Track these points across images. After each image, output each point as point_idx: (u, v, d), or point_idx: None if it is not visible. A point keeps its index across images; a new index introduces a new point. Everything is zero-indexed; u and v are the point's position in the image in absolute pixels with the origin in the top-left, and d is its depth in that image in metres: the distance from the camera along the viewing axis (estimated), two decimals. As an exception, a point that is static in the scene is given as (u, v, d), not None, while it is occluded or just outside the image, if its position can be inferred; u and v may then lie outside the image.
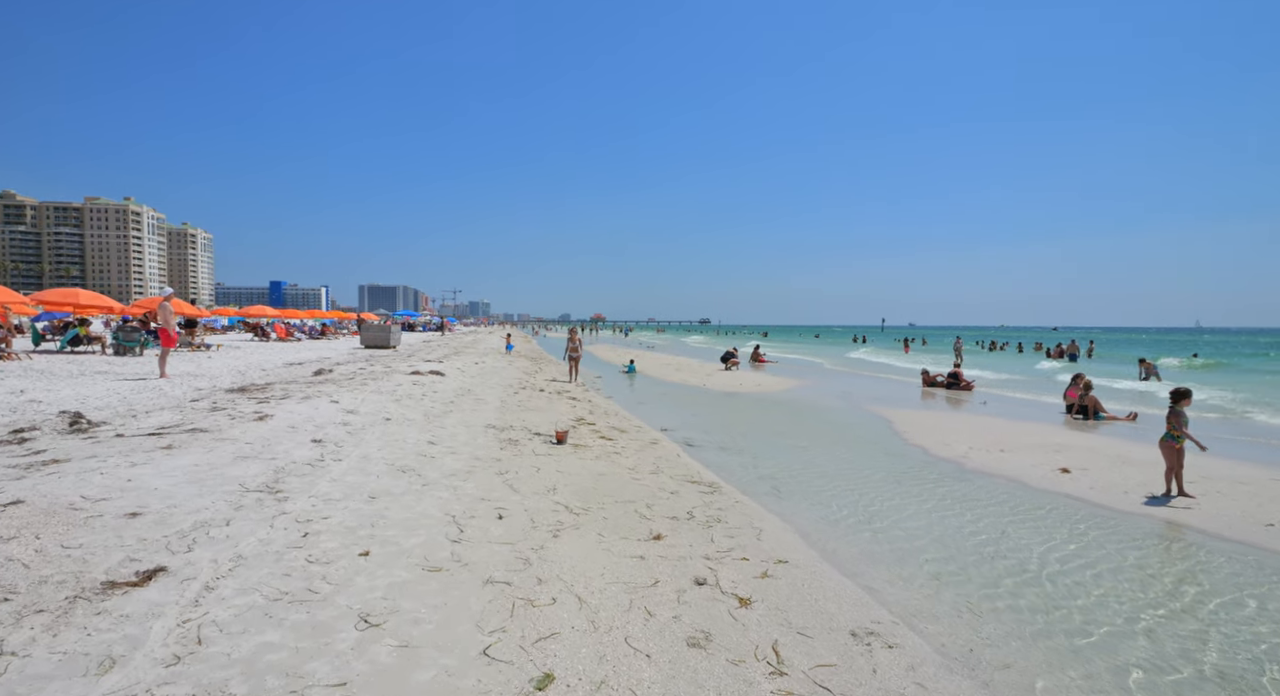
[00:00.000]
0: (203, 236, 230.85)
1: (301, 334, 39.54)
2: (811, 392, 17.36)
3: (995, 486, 7.20)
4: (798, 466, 8.24)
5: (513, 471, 6.62)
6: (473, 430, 8.82)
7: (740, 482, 7.26)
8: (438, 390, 12.98)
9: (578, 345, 18.05)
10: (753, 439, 10.20)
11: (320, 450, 6.69)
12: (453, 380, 15.27)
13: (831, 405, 14.55)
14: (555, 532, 4.82)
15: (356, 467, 6.15)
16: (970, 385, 17.77)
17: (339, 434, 7.61)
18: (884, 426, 11.38)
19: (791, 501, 6.58)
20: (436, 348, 32.16)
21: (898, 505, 6.48)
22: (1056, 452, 8.84)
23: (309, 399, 10.17)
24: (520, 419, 10.27)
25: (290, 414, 8.62)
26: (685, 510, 5.70)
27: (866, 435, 10.48)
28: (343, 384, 12.81)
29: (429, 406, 10.61)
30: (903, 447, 9.42)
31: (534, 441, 8.42)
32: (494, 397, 12.68)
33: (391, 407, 10.05)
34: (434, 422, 9.10)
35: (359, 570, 3.77)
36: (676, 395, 16.56)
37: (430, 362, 20.14)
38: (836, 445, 9.62)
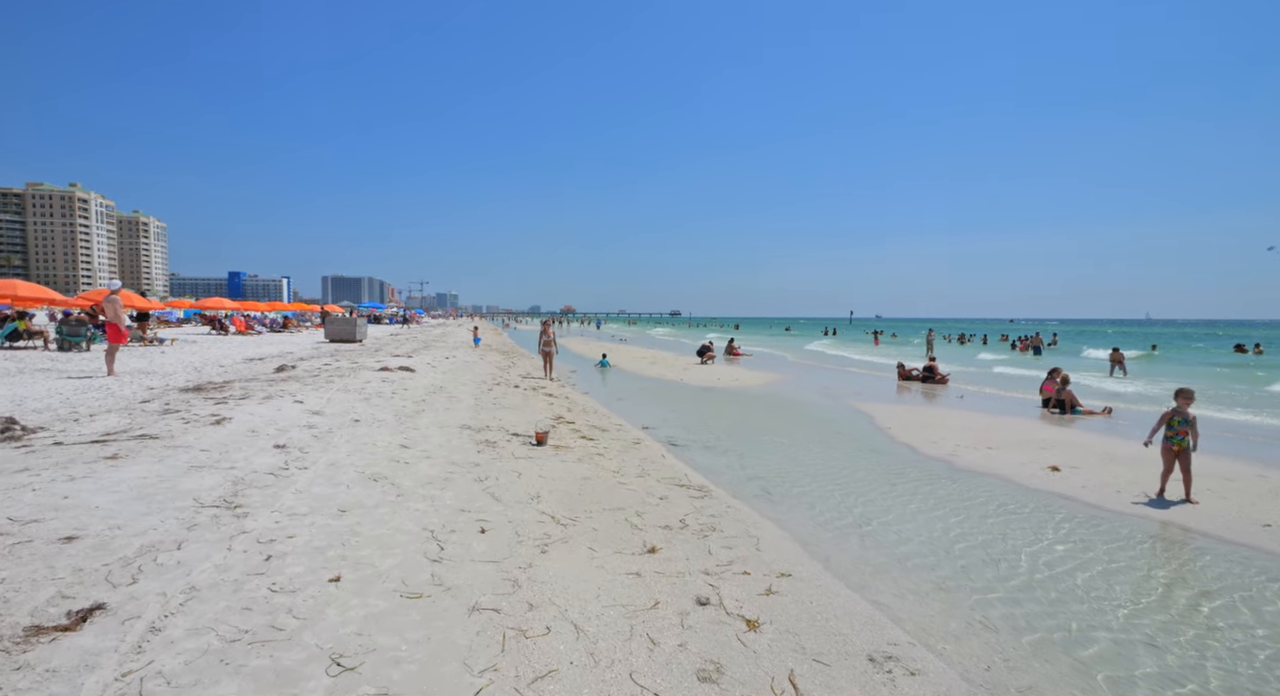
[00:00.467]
0: (156, 225, 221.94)
1: (262, 327, 38.18)
2: (790, 387, 17.27)
3: (988, 486, 7.10)
4: (786, 466, 8.04)
5: (493, 477, 6.25)
6: (447, 431, 8.40)
7: (730, 485, 7.02)
8: (408, 387, 12.47)
9: (551, 339, 17.14)
10: (737, 437, 9.99)
11: (284, 457, 6.22)
12: (423, 376, 14.74)
13: (811, 400, 14.45)
14: (543, 547, 4.49)
15: (324, 477, 5.71)
16: (945, 378, 17.89)
17: (304, 438, 7.12)
18: (867, 423, 11.28)
19: (784, 505, 6.36)
20: (404, 341, 31.32)
21: (893, 507, 6.31)
22: (1043, 449, 8.82)
23: (271, 398, 9.60)
24: (496, 418, 9.87)
25: (250, 416, 8.08)
26: (678, 517, 5.42)
27: (851, 432, 10.35)
28: (307, 381, 12.20)
29: (400, 406, 10.13)
30: (890, 445, 9.30)
31: (513, 443, 8.05)
32: (468, 395, 12.23)
33: (360, 407, 9.55)
34: (406, 424, 8.65)
35: (329, 599, 3.39)
36: (654, 390, 16.29)
37: (399, 358, 19.50)
38: (822, 443, 9.46)
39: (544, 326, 17.40)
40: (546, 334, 17.10)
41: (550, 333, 17.17)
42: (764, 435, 10.14)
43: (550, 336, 17.08)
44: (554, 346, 17.13)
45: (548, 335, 17.09)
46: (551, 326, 17.50)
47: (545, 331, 17.18)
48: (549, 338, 17.07)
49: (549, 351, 17.00)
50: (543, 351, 17.08)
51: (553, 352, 17.03)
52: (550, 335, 17.12)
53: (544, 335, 17.08)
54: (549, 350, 17.01)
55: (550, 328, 17.38)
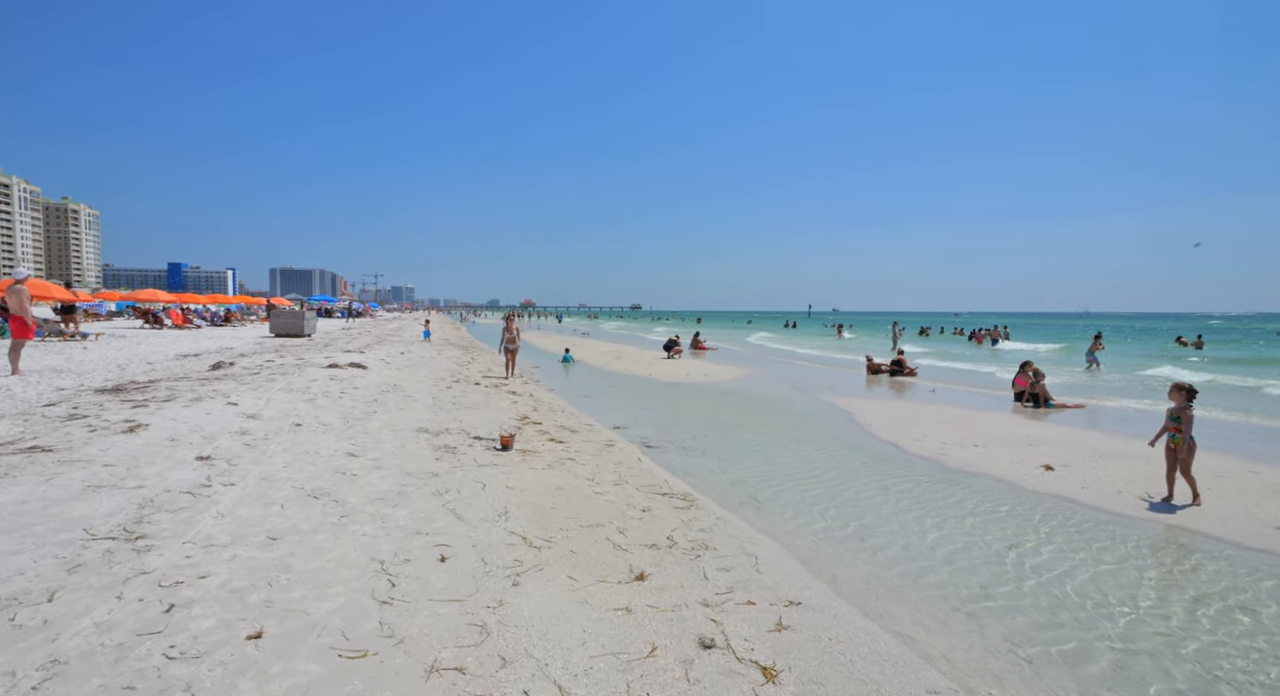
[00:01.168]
0: (87, 213, 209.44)
1: (202, 321, 36.00)
2: (760, 382, 16.89)
3: (985, 489, 6.72)
4: (768, 469, 7.54)
5: (453, 490, 5.54)
6: (402, 435, 7.62)
7: (714, 492, 6.46)
8: (359, 386, 11.55)
9: (515, 335, 15.78)
10: (713, 436, 9.46)
11: (207, 471, 5.38)
12: (376, 373, 13.78)
13: (784, 395, 14.07)
14: (515, 578, 3.84)
15: (254, 494, 4.91)
16: (914, 371, 17.80)
17: (234, 447, 6.26)
18: (845, 419, 10.91)
19: (775, 514, 5.84)
20: (357, 336, 29.90)
21: (892, 515, 5.86)
22: (1031, 446, 8.55)
23: (200, 400, 8.61)
24: (456, 419, 9.10)
25: (172, 422, 7.13)
26: (664, 534, 4.84)
27: (831, 429, 9.95)
28: (245, 380, 11.15)
29: (349, 407, 9.26)
30: (873, 443, 8.91)
31: (475, 448, 7.33)
32: (424, 394, 11.38)
33: (303, 409, 8.65)
34: (355, 427, 7.82)
35: (244, 666, 2.68)
36: (623, 386, 15.67)
37: (350, 353, 18.38)
38: (803, 442, 9.01)
39: (507, 321, 15.99)
40: (510, 329, 15.74)
41: (514, 328, 15.82)
42: (741, 433, 9.64)
43: (514, 332, 15.76)
44: (518, 342, 15.94)
45: (511, 331, 15.74)
46: (515, 321, 16.11)
47: (509, 326, 15.78)
48: (512, 333, 15.74)
49: (513, 348, 15.80)
50: (506, 348, 15.82)
51: (516, 349, 15.87)
52: (514, 331, 15.78)
53: (507, 331, 15.74)
54: (513, 347, 15.79)
55: (514, 322, 15.95)
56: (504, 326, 15.81)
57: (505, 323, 15.82)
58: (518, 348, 15.87)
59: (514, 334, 15.66)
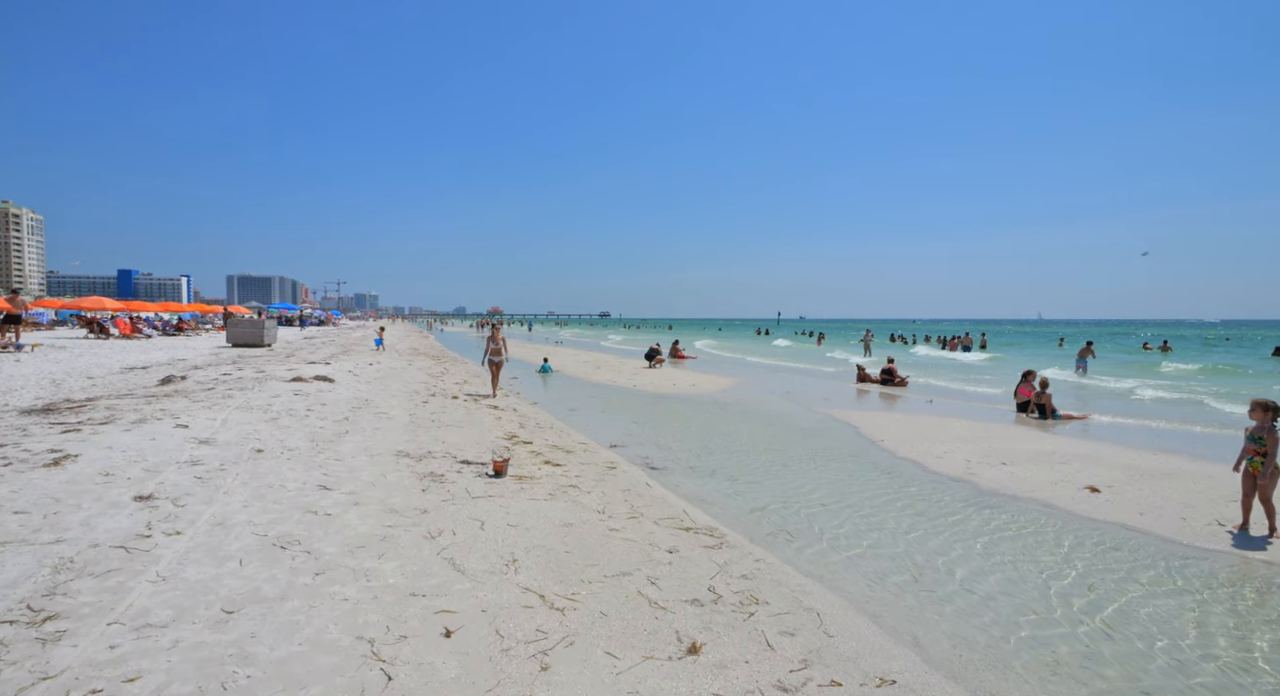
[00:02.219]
0: (30, 217, 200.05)
1: (152, 330, 34.00)
2: (750, 392, 16.29)
3: (1033, 515, 6.14)
4: (788, 492, 6.87)
5: (448, 531, 4.72)
6: (380, 461, 6.73)
7: (739, 524, 5.76)
8: (327, 402, 10.54)
9: (501, 347, 14.03)
10: (718, 454, 8.78)
11: (147, 516, 4.45)
12: (345, 387, 12.74)
13: (781, 408, 13.47)
14: (541, 657, 3.07)
15: (206, 546, 4.03)
16: (904, 381, 17.44)
17: (183, 482, 5.31)
18: (853, 434, 10.33)
19: (815, 551, 5.16)
20: (321, 345, 28.45)
21: (942, 549, 5.23)
22: (1062, 464, 8.06)
23: (144, 422, 7.56)
24: (438, 440, 8.23)
25: (108, 451, 6.12)
26: (703, 583, 4.11)
27: (844, 446, 9.34)
28: (198, 397, 10.06)
29: (317, 427, 8.30)
30: (893, 462, 8.32)
31: (465, 475, 6.49)
32: (400, 410, 10.44)
33: (265, 432, 7.67)
34: (326, 452, 6.90)
35: None
36: (608, 398, 14.90)
37: (314, 364, 17.20)
38: (818, 461, 8.38)
39: (493, 330, 14.31)
40: (495, 341, 13.96)
41: (500, 339, 14.03)
42: (748, 451, 8.97)
43: (499, 343, 13.97)
44: (505, 355, 14.10)
45: (496, 342, 13.97)
46: (501, 331, 14.35)
47: (494, 336, 14.04)
48: (497, 344, 13.96)
49: (498, 361, 13.95)
50: (490, 361, 13.95)
51: (502, 363, 14.04)
52: (499, 342, 13.98)
53: (491, 342, 14.01)
54: (498, 360, 13.95)
55: (500, 333, 14.21)
56: (488, 337, 14.21)
57: (491, 333, 14.21)
58: (504, 361, 14.13)
59: (499, 345, 14.01)
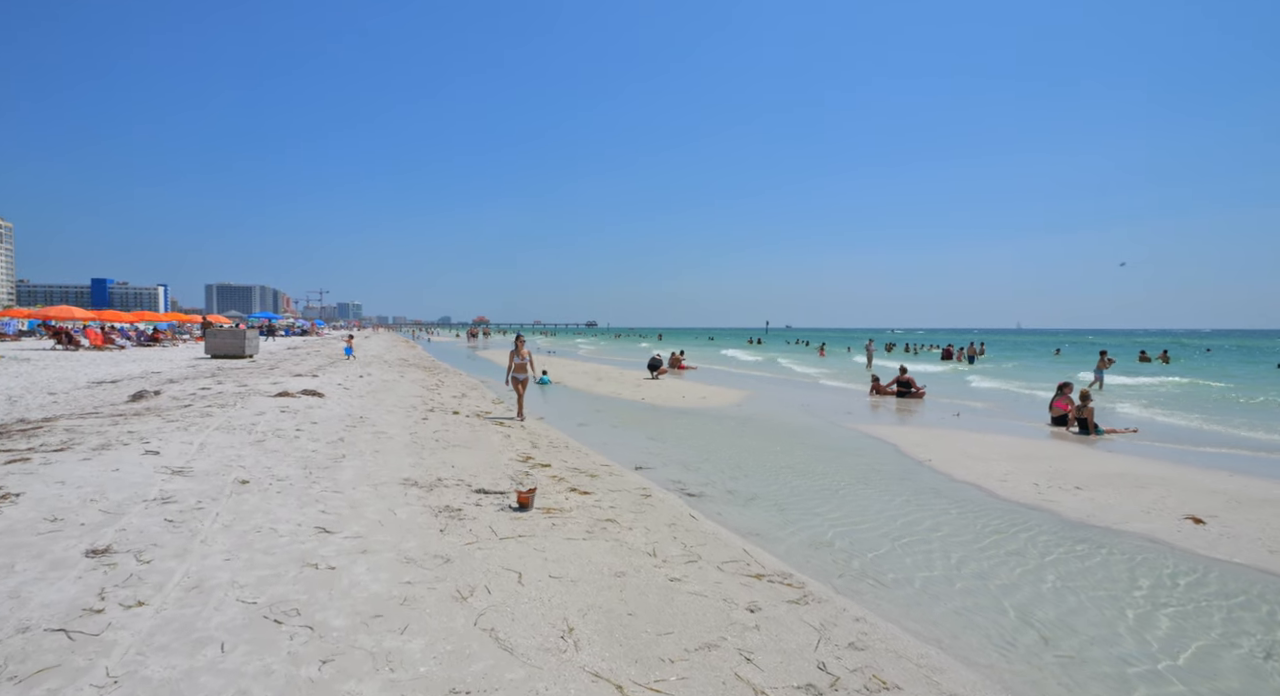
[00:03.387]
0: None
1: (126, 341, 32.56)
2: (766, 406, 15.50)
3: (1145, 555, 5.34)
4: (848, 522, 6.08)
5: (480, 588, 3.84)
6: (386, 492, 5.82)
7: (812, 566, 4.94)
8: (318, 420, 9.58)
9: (527, 363, 12.21)
10: (755, 476, 7.97)
11: (101, 579, 3.53)
12: (336, 402, 11.76)
13: (804, 423, 12.68)
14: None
15: (175, 624, 3.11)
16: (922, 392, 16.77)
17: (150, 528, 4.37)
18: (892, 452, 9.57)
19: (917, 604, 4.34)
20: (306, 356, 27.28)
21: (1053, 597, 4.44)
22: (1140, 488, 7.32)
23: (108, 448, 6.57)
24: (447, 463, 7.33)
25: (60, 487, 5.14)
26: (809, 658, 3.28)
27: (889, 467, 8.56)
28: (172, 415, 9.06)
29: (309, 451, 7.36)
30: (952, 487, 7.54)
31: (484, 508, 5.61)
32: (399, 428, 9.50)
33: (250, 457, 6.72)
34: (322, 482, 5.97)
35: None
36: (618, 413, 14.03)
37: (301, 377, 16.15)
38: (869, 485, 7.58)
39: (516, 344, 12.44)
40: (520, 355, 12.15)
41: (525, 353, 12.22)
42: (786, 473, 8.17)
43: (524, 357, 12.18)
44: (530, 372, 12.27)
45: (520, 356, 12.13)
46: (525, 345, 12.50)
47: (518, 350, 12.21)
48: (522, 360, 12.12)
49: (523, 378, 12.06)
50: (514, 379, 12.07)
51: (527, 381, 12.21)
52: (524, 356, 12.18)
53: (515, 356, 12.15)
54: (523, 377, 12.07)
55: (524, 346, 12.37)
56: (513, 350, 12.30)
57: (515, 347, 12.31)
58: (529, 378, 12.30)
59: (525, 360, 12.19)
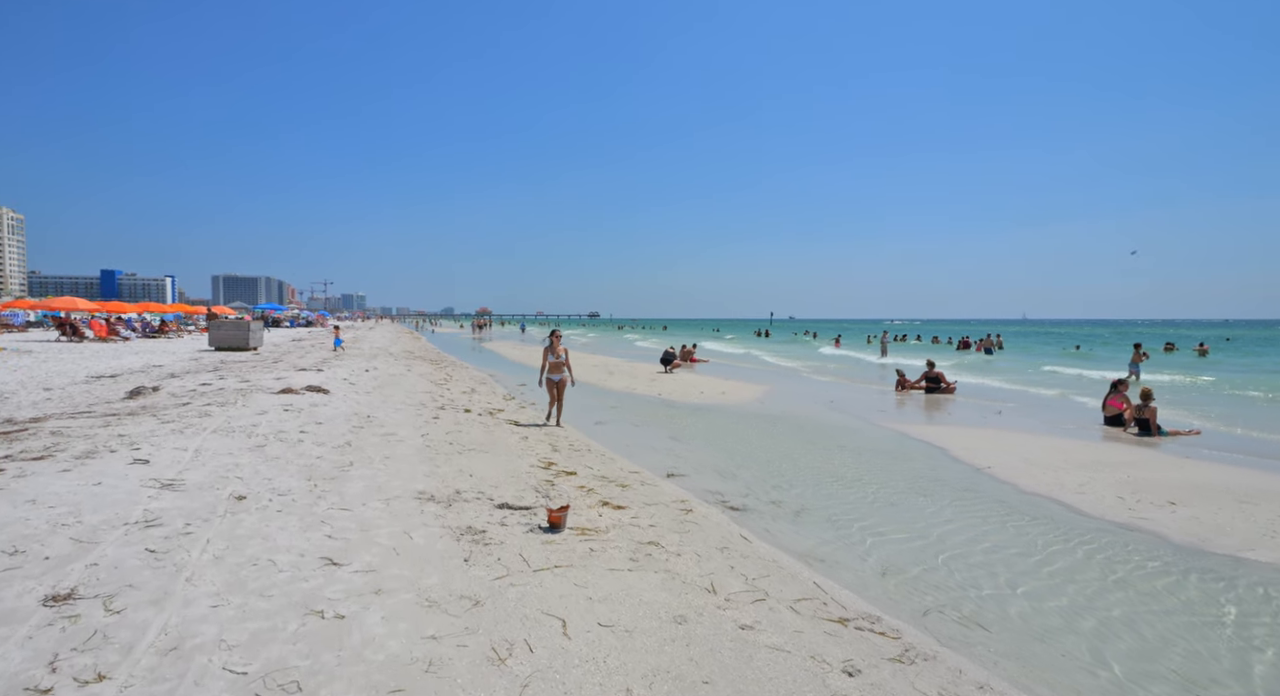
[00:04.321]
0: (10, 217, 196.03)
1: (131, 332, 32.08)
2: (790, 402, 14.79)
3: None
4: (921, 546, 5.40)
5: (519, 643, 3.18)
6: (399, 508, 5.18)
7: (896, 604, 4.27)
8: (323, 420, 8.95)
9: (563, 361, 10.43)
10: (799, 484, 7.30)
11: (56, 638, 2.88)
12: (341, 399, 11.14)
13: (836, 421, 11.98)
14: None
15: (145, 700, 2.47)
16: (953, 387, 16.04)
17: (127, 561, 3.73)
18: (943, 457, 8.87)
19: (1051, 665, 3.66)
20: (310, 348, 26.71)
21: (1224, 655, 3.76)
22: (1248, 503, 6.54)
23: (92, 456, 5.95)
24: (463, 471, 6.68)
25: (30, 506, 4.50)
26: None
27: (944, 475, 7.86)
28: (169, 415, 8.44)
29: (314, 456, 6.72)
30: (1023, 500, 6.82)
31: (511, 527, 4.95)
32: (409, 429, 8.87)
33: (248, 466, 6.09)
34: (328, 497, 5.33)
35: None
36: (635, 410, 13.36)
37: (305, 371, 15.55)
38: (928, 497, 6.89)
39: (551, 339, 10.59)
40: (555, 352, 10.37)
41: (560, 350, 10.46)
42: (831, 481, 7.49)
43: (560, 355, 10.40)
44: (567, 372, 10.55)
45: (556, 354, 10.36)
46: (561, 341, 10.65)
47: (553, 347, 10.42)
48: (558, 357, 10.37)
49: (559, 379, 10.41)
50: (548, 380, 10.41)
51: (565, 383, 10.49)
52: (560, 354, 10.41)
53: (550, 354, 10.37)
54: (558, 377, 10.41)
55: (560, 343, 10.57)
56: (546, 347, 10.47)
57: (550, 342, 10.47)
58: (566, 381, 10.52)
59: (561, 358, 10.41)
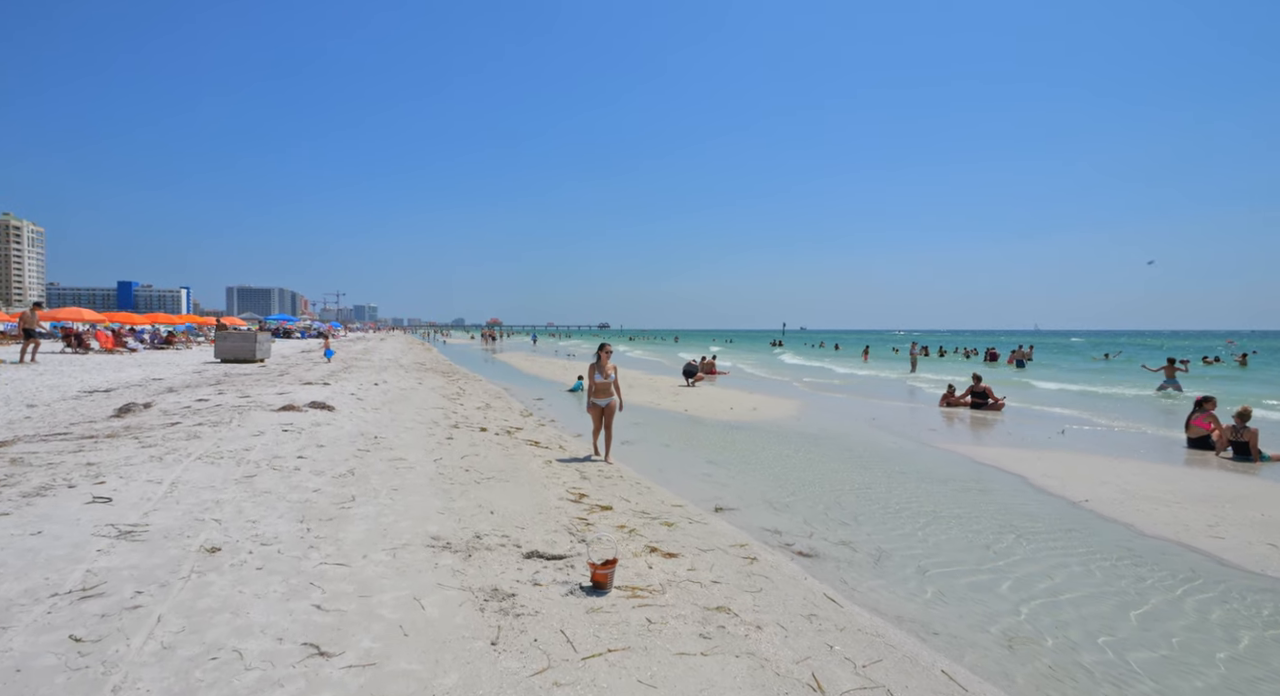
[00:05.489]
0: (30, 229, 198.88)
1: (139, 343, 31.54)
2: (829, 419, 13.74)
3: None
4: (1054, 612, 4.36)
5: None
6: (408, 561, 4.22)
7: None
8: (325, 442, 8.03)
9: (611, 379, 8.60)
10: (864, 520, 6.30)
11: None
12: (347, 418, 10.23)
13: (886, 443, 10.91)
14: None
15: None
16: (1002, 403, 14.92)
17: (36, 661, 2.76)
18: (1023, 486, 7.81)
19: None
20: (318, 361, 25.95)
21: None
22: None
23: (45, 492, 5.03)
24: (484, 506, 5.72)
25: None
26: None
27: (1037, 511, 6.80)
28: (152, 437, 7.55)
29: (310, 490, 5.77)
30: (1153, 547, 5.70)
31: (547, 588, 3.98)
32: (420, 453, 7.93)
33: (230, 503, 5.15)
34: (322, 545, 4.37)
35: None
36: (662, 427, 12.37)
37: (311, 386, 14.70)
38: (1027, 539, 5.85)
39: (599, 356, 8.66)
40: (604, 371, 8.56)
41: (609, 368, 8.61)
42: (904, 518, 6.47)
43: (608, 374, 8.56)
44: (617, 393, 8.72)
45: (605, 373, 8.55)
46: (610, 357, 8.72)
47: (601, 364, 8.58)
48: (606, 377, 8.55)
49: (605, 404, 8.61)
50: (593, 404, 8.66)
51: (616, 408, 8.69)
52: (608, 373, 8.57)
53: (597, 372, 8.57)
54: (605, 402, 8.60)
55: (608, 359, 8.67)
56: (593, 364, 8.64)
57: (598, 357, 8.66)
58: (616, 404, 8.69)
59: (610, 379, 8.57)
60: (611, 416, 8.70)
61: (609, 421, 8.70)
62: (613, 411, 8.70)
